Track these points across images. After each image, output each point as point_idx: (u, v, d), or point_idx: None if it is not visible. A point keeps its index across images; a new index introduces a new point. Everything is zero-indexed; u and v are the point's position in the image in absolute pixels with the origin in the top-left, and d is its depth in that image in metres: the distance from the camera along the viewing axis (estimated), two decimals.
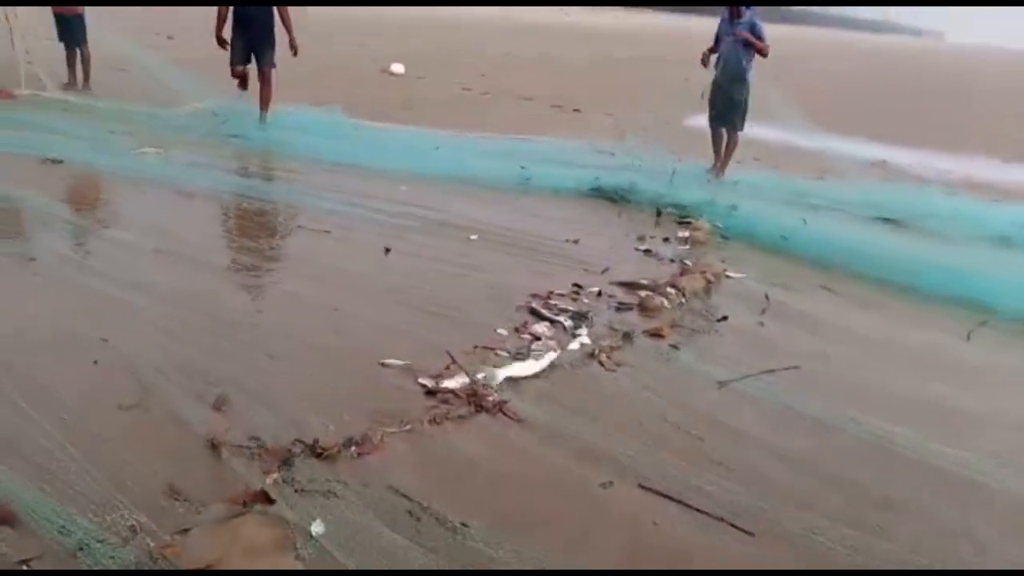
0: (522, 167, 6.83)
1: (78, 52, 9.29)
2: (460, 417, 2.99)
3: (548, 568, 2.23)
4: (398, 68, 14.06)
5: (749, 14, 6.80)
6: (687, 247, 5.36)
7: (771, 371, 3.54)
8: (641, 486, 2.63)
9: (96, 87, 9.38)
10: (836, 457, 2.93)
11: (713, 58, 7.04)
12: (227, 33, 7.46)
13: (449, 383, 3.19)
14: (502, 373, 3.28)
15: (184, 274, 4.18)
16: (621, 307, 4.20)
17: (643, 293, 4.34)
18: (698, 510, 2.53)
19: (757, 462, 2.85)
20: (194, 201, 5.58)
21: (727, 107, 6.97)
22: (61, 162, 6.17)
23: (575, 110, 11.25)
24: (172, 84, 8.80)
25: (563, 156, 7.61)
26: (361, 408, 2.95)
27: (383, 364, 3.33)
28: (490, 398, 3.12)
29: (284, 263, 4.51)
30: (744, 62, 6.82)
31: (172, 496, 2.39)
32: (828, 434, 3.10)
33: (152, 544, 2.18)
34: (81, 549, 2.14)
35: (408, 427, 2.88)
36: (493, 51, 20.48)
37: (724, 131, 7.14)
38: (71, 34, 9.19)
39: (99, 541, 2.18)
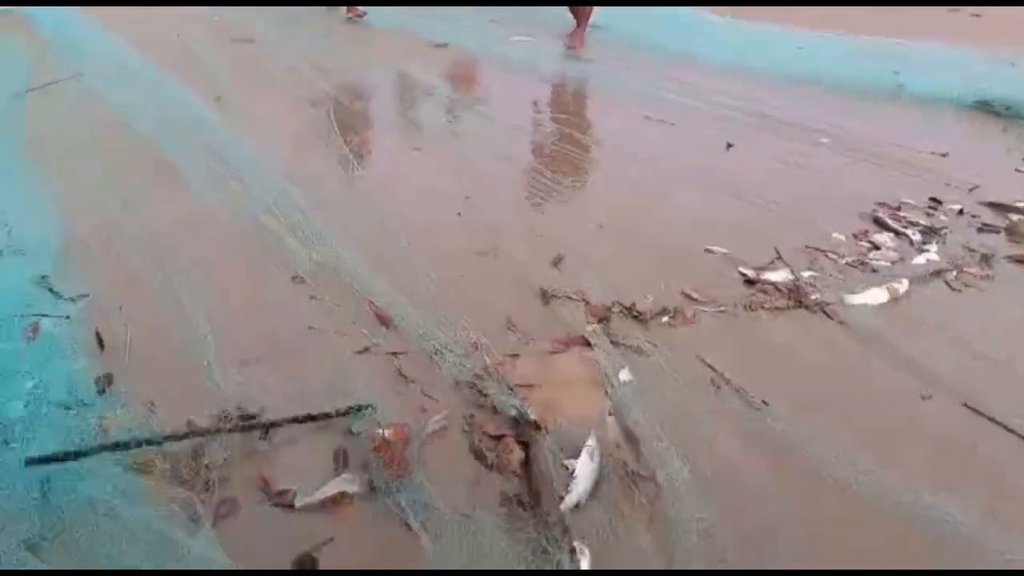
0: (895, 72, 6.18)
1: None
2: (777, 308, 3.00)
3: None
4: None
5: None
6: None
7: None
8: (966, 405, 2.45)
9: None
10: None
11: None
12: None
13: (771, 275, 3.19)
14: (850, 299, 3.11)
15: (534, 148, 4.60)
16: (984, 228, 3.75)
17: (1015, 217, 3.82)
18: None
19: None
20: (548, 86, 6.00)
21: None
22: (446, 45, 6.98)
23: (974, 14, 9.71)
24: None
25: (948, 63, 6.70)
26: (679, 284, 3.09)
27: (707, 250, 3.41)
28: (813, 296, 3.06)
29: (624, 149, 4.70)
30: None
31: (509, 327, 2.79)
32: None
33: (488, 360, 2.59)
34: (437, 352, 2.62)
35: (722, 308, 2.96)
36: None
37: None
38: None
39: (450, 350, 2.64)
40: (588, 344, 2.68)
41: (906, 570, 1.87)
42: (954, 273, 3.28)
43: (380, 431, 2.21)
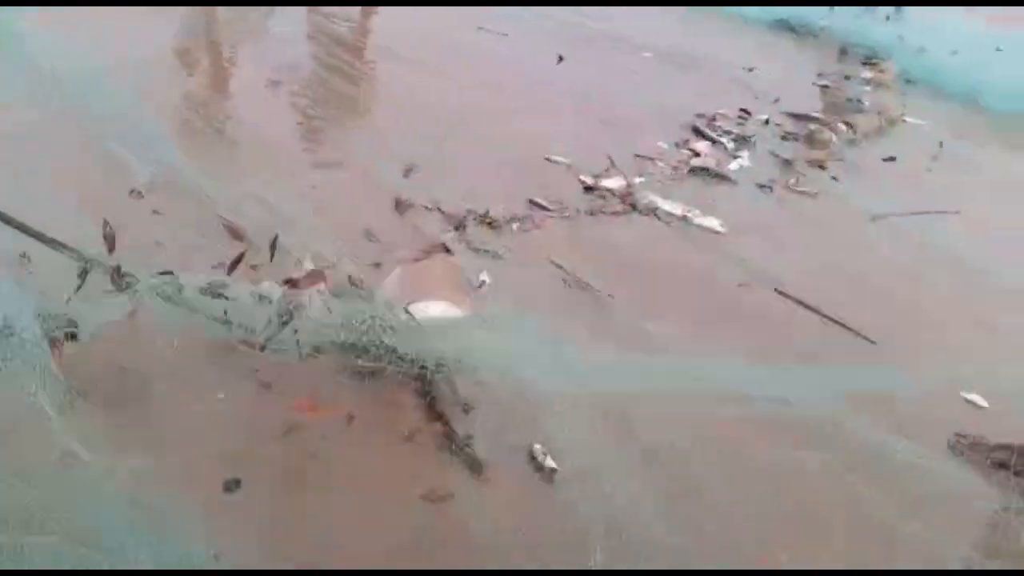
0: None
1: None
2: (615, 212, 3.25)
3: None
4: None
5: None
6: (868, 88, 5.15)
7: (925, 212, 3.53)
8: (777, 290, 2.84)
9: None
10: (975, 297, 2.99)
11: None
12: None
13: (607, 183, 3.44)
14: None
15: (386, 65, 4.54)
16: (787, 136, 4.21)
17: (812, 126, 4.31)
18: (828, 317, 2.72)
19: (893, 287, 2.97)
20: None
21: None
22: None
23: None
24: None
25: None
26: (526, 193, 3.26)
27: (548, 160, 3.60)
28: (644, 201, 3.34)
29: (464, 63, 4.72)
30: None
31: (368, 238, 2.84)
32: (970, 275, 3.14)
33: (351, 269, 2.64)
34: (300, 261, 2.63)
35: (567, 214, 3.17)
36: None
37: None
38: None
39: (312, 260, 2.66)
40: (447, 250, 2.79)
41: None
42: (763, 178, 3.69)
43: None
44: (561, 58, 4.86)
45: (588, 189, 3.41)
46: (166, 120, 3.47)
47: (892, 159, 4.08)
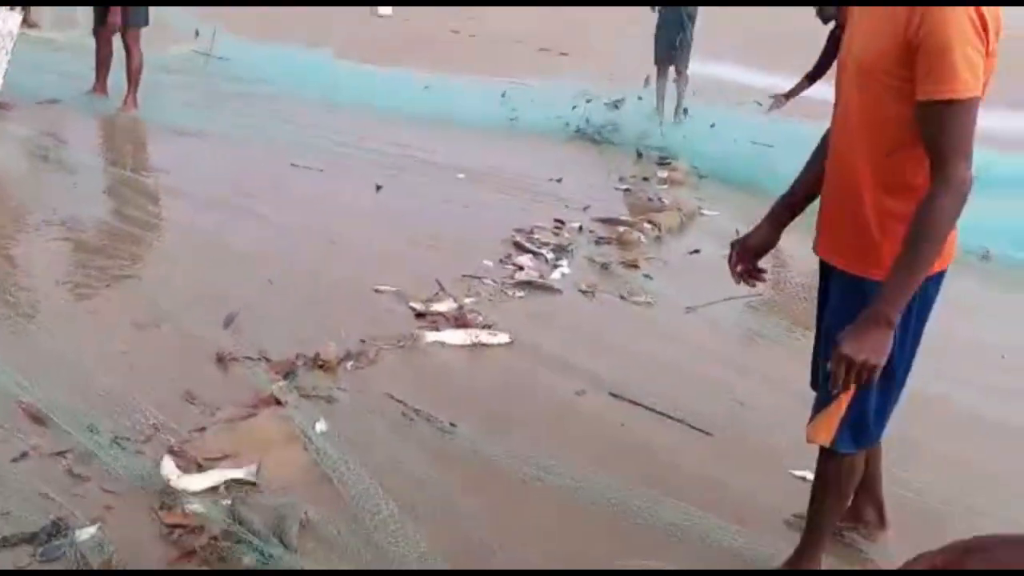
0: (512, 114, 6.98)
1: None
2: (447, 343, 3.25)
3: (529, 456, 2.51)
4: (386, 10, 13.99)
5: None
6: (665, 186, 5.60)
7: (734, 298, 3.81)
8: (611, 394, 2.92)
9: None
10: (787, 368, 3.22)
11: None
12: None
13: (438, 307, 3.46)
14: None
15: (188, 208, 4.40)
16: (600, 241, 4.46)
17: (621, 228, 4.59)
18: (662, 414, 2.82)
19: (717, 375, 3.15)
20: (188, 139, 5.75)
21: (672, 49, 7.02)
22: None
23: (562, 53, 11.31)
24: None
25: (549, 98, 7.74)
26: (357, 327, 3.21)
27: (376, 290, 3.58)
28: (478, 320, 3.39)
29: (281, 199, 4.70)
30: (685, 11, 6.92)
31: (188, 401, 2.66)
32: (782, 348, 3.40)
33: (173, 441, 2.45)
34: (109, 445, 2.41)
35: (401, 344, 3.14)
36: None
37: (672, 72, 7.18)
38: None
39: (126, 439, 2.45)
40: (278, 402, 2.67)
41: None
42: (583, 285, 3.86)
43: None
44: (379, 187, 4.93)
45: (419, 316, 3.41)
46: None
47: (697, 251, 4.41)
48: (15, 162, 5.06)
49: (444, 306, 3.46)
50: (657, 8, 7.08)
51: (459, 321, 3.36)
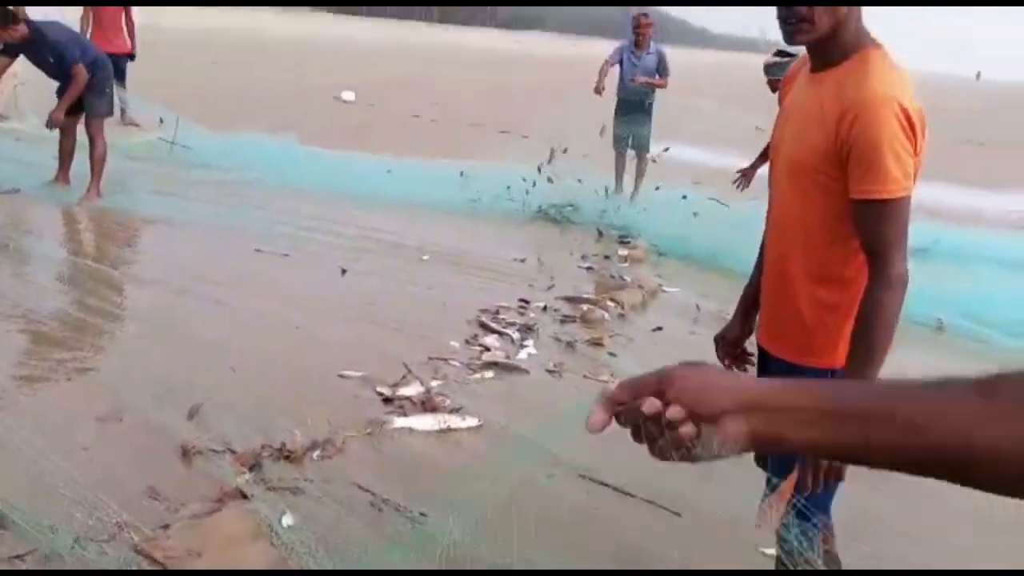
0: (474, 195, 7.12)
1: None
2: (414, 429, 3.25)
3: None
4: (349, 96, 14.32)
5: (655, 45, 7.23)
6: (626, 264, 5.73)
7: None
8: (580, 475, 2.93)
9: None
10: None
11: (614, 75, 7.34)
12: None
13: (405, 391, 3.46)
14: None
15: (151, 297, 4.38)
16: (565, 320, 4.52)
17: (585, 307, 4.68)
18: (630, 495, 2.83)
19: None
20: (152, 227, 5.76)
21: (633, 132, 7.33)
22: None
23: (523, 136, 11.62)
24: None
25: (510, 180, 7.93)
26: (323, 415, 3.19)
27: (342, 376, 3.58)
28: (446, 403, 3.39)
29: (245, 285, 4.70)
30: (646, 93, 7.25)
31: (152, 496, 2.61)
32: None
33: (136, 539, 2.39)
34: (72, 546, 2.34)
35: (368, 431, 3.13)
36: (443, 76, 20.87)
37: (632, 153, 7.46)
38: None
39: (88, 539, 2.38)
40: (243, 495, 2.63)
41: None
42: (550, 364, 3.90)
43: None
44: (344, 271, 4.97)
45: (387, 400, 3.41)
46: None
47: (659, 329, 4.49)
48: None
49: (411, 390, 3.47)
50: (616, 92, 7.37)
51: (427, 405, 3.36)
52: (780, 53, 5.76)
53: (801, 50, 1.87)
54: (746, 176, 6.10)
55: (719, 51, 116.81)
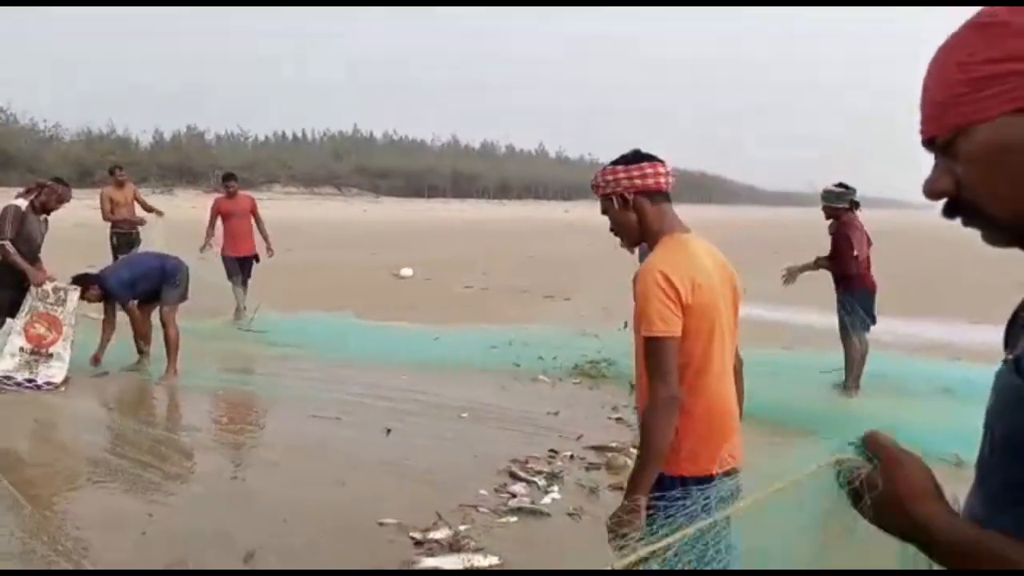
0: (516, 358, 7.64)
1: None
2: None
3: None
4: (407, 271, 15.41)
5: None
6: None
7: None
8: None
9: None
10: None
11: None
12: None
13: (435, 535, 3.82)
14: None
15: (217, 461, 4.92)
16: (591, 467, 4.84)
17: (610, 454, 5.00)
18: None
19: None
20: (220, 400, 6.41)
21: None
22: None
23: (566, 299, 12.28)
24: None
25: (552, 340, 8.46)
26: (362, 558, 3.57)
27: (380, 523, 3.96)
28: (471, 545, 3.73)
29: (300, 448, 5.21)
30: None
31: None
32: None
33: None
34: None
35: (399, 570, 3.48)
36: (496, 249, 22.11)
37: None
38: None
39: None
40: None
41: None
42: (571, 508, 4.21)
43: None
44: (388, 431, 5.45)
45: (418, 544, 3.76)
46: None
47: None
48: (72, 432, 5.70)
49: (441, 534, 3.82)
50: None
51: (453, 547, 3.70)
52: (840, 185, 6.49)
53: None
54: (791, 273, 6.59)
55: (766, 207, 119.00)
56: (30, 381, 6.47)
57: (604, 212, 2.38)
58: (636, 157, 2.32)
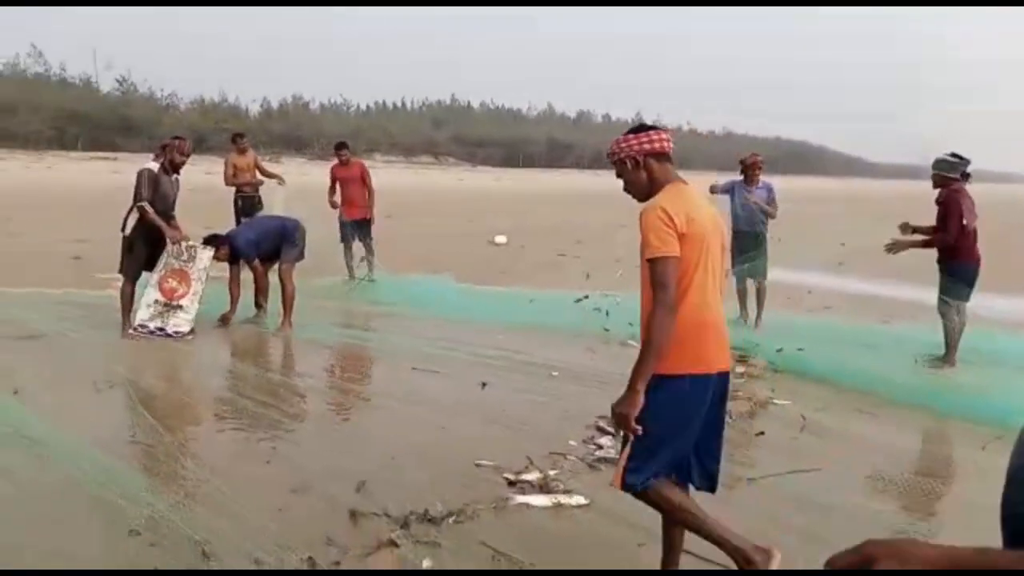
0: (606, 322, 7.89)
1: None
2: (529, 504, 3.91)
3: None
4: (501, 239, 15.78)
5: (764, 180, 7.92)
6: (743, 379, 6.18)
7: (795, 471, 4.29)
8: (686, 551, 3.44)
9: None
10: (844, 536, 3.64)
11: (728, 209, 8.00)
12: None
13: (527, 476, 4.15)
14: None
15: (329, 404, 5.41)
16: None
17: None
18: (712, 562, 3.31)
19: (783, 542, 3.60)
20: (329, 351, 6.94)
21: (750, 264, 7.91)
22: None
23: None
24: None
25: (630, 308, 8.60)
26: (460, 493, 3.93)
27: (477, 464, 4.32)
28: (560, 487, 4.04)
29: (403, 395, 5.64)
30: (759, 222, 7.87)
31: (328, 543, 3.41)
32: (838, 519, 3.81)
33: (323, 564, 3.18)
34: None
35: (494, 505, 3.83)
36: (589, 218, 22.23)
37: (751, 283, 8.03)
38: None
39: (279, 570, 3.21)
40: (395, 544, 3.38)
41: None
42: None
43: None
44: (484, 384, 5.81)
45: (511, 484, 4.10)
46: None
47: (762, 434, 4.93)
48: (199, 375, 6.33)
49: (532, 476, 4.15)
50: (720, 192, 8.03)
51: (543, 488, 4.02)
52: (953, 155, 6.43)
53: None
54: (898, 244, 6.53)
55: (880, 179, 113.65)
56: (161, 330, 7.16)
57: (618, 176, 2.93)
58: (643, 127, 2.89)
